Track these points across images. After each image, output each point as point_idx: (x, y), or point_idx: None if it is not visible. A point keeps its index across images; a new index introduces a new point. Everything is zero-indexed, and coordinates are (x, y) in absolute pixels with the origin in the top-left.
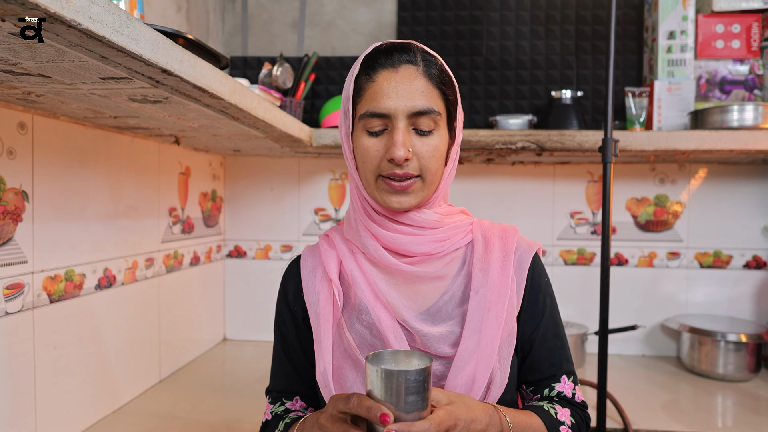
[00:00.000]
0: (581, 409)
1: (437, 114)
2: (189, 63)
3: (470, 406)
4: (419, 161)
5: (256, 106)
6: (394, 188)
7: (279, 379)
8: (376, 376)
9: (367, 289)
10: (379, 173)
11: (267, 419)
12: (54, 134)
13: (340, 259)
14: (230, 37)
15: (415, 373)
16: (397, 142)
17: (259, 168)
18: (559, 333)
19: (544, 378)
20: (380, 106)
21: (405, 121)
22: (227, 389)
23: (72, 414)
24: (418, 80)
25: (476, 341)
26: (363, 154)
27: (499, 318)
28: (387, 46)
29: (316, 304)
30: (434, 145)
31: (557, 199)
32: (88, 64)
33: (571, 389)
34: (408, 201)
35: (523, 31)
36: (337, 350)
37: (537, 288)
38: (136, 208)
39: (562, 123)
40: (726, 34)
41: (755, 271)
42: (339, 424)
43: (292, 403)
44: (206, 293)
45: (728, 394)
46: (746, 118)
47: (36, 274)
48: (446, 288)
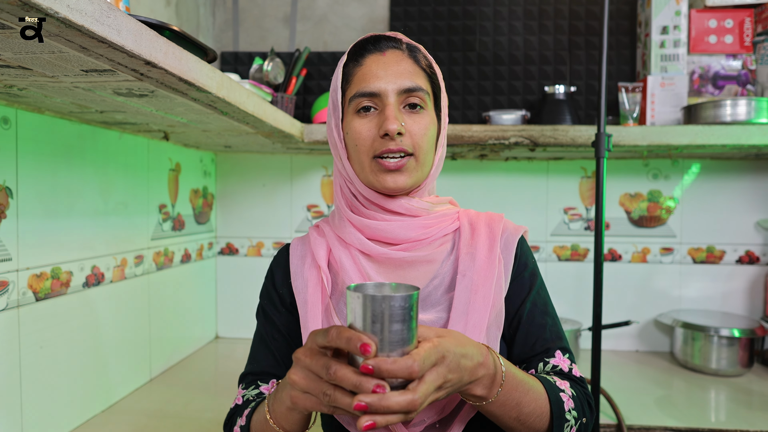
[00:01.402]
0: (581, 385)
1: (425, 93)
2: (174, 55)
3: (461, 341)
4: (411, 138)
5: (245, 101)
6: (389, 167)
7: (258, 361)
8: (359, 304)
9: (356, 275)
10: (374, 153)
11: (236, 404)
12: (39, 129)
13: (329, 248)
14: (221, 32)
15: (400, 299)
16: (389, 116)
17: (251, 164)
18: (548, 311)
19: (536, 353)
20: (370, 86)
21: (395, 98)
22: (219, 387)
23: (60, 414)
24: (404, 62)
25: (464, 324)
26: (355, 137)
27: (486, 299)
28: (374, 36)
29: (304, 291)
30: (425, 123)
31: (551, 194)
32: (69, 55)
33: (568, 365)
34: (403, 180)
35: (516, 26)
36: None
37: (522, 267)
38: (125, 204)
39: (555, 118)
40: (719, 29)
41: (748, 266)
42: (318, 357)
43: (268, 386)
44: (198, 291)
45: (721, 389)
46: (739, 113)
47: (21, 271)
48: (435, 272)
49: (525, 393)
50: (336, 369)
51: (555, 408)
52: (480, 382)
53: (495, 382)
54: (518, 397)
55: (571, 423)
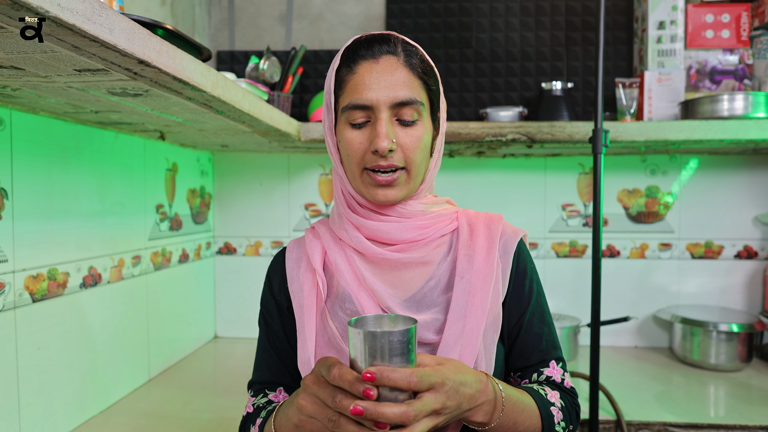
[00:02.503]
0: (570, 395)
1: (420, 104)
2: (168, 54)
3: (460, 369)
4: (403, 152)
5: (240, 99)
6: (379, 182)
7: (262, 371)
8: (359, 339)
9: (351, 277)
10: (364, 166)
11: (248, 412)
12: (34, 129)
13: (324, 250)
14: (217, 32)
15: (399, 334)
16: (380, 134)
17: (248, 164)
18: (546, 319)
19: (532, 364)
20: (362, 98)
21: (388, 112)
22: (218, 387)
23: (58, 415)
24: (399, 71)
25: (461, 326)
26: (347, 147)
27: (483, 303)
28: (367, 38)
29: (299, 295)
30: (418, 135)
31: (549, 191)
32: (62, 54)
33: (560, 374)
34: (394, 194)
35: (513, 22)
36: (320, 339)
37: (523, 274)
38: (122, 204)
39: (552, 115)
40: (715, 24)
41: (746, 261)
42: (325, 386)
43: (275, 394)
44: (196, 291)
45: (720, 384)
46: (736, 107)
47: (17, 273)
48: (431, 274)
49: (521, 413)
50: (341, 398)
51: (546, 423)
52: (480, 409)
53: (496, 409)
54: (515, 417)
55: None
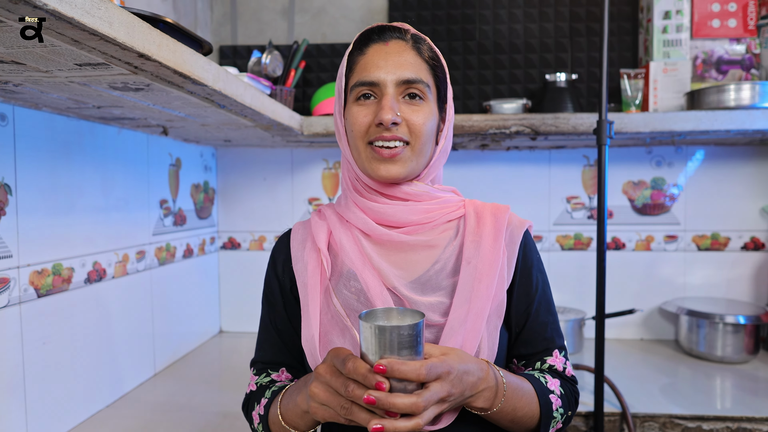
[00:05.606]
0: (571, 383)
1: (426, 85)
2: (168, 47)
3: (463, 358)
4: (408, 127)
5: (242, 93)
6: (382, 155)
7: (265, 350)
8: (370, 333)
9: (356, 256)
10: (368, 139)
11: (251, 390)
12: (37, 125)
13: (330, 231)
14: (219, 26)
15: (408, 328)
16: (385, 106)
17: (252, 158)
18: (551, 309)
19: (537, 352)
20: (370, 75)
21: (394, 89)
22: (223, 381)
23: (64, 409)
24: (407, 53)
25: (466, 311)
26: (352, 122)
27: (489, 289)
28: (380, 26)
29: (304, 273)
30: (423, 113)
31: (553, 184)
32: (62, 49)
33: (562, 363)
34: (396, 170)
35: (517, 14)
36: (324, 317)
37: (529, 264)
38: (126, 200)
39: (556, 106)
40: (722, 13)
41: (753, 252)
42: (337, 375)
43: (278, 374)
44: (201, 286)
45: (727, 376)
46: (743, 97)
47: (22, 268)
48: (437, 257)
49: (520, 399)
50: (354, 388)
51: (544, 409)
52: (482, 395)
53: (497, 395)
54: (515, 403)
55: (558, 419)
